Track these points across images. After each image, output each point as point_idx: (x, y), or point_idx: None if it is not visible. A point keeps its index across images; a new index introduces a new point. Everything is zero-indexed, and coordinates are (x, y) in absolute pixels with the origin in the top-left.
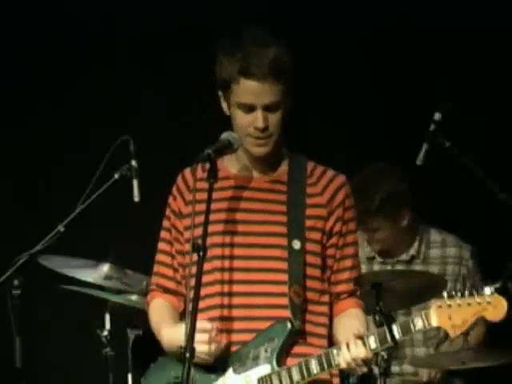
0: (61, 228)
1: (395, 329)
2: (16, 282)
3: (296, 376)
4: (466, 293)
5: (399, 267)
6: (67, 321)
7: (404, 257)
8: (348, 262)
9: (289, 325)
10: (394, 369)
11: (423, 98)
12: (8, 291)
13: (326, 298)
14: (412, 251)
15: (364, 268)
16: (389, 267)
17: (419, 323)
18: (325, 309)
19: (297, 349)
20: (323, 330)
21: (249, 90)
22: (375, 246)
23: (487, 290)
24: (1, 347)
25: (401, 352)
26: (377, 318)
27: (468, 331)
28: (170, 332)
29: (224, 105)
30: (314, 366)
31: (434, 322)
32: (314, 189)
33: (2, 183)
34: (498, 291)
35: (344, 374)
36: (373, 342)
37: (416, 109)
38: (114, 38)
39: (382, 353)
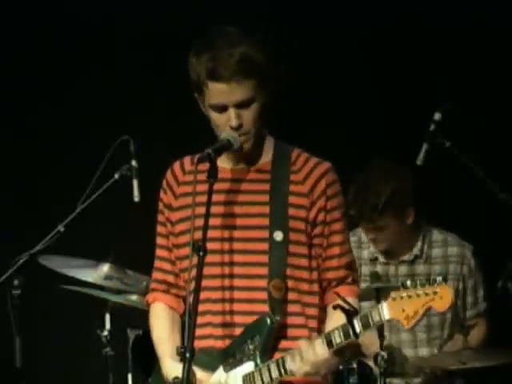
0: (61, 228)
1: (356, 323)
2: (16, 282)
3: (274, 373)
4: (418, 283)
5: (402, 268)
6: (67, 321)
7: (407, 257)
8: (336, 250)
9: (268, 321)
10: (397, 369)
11: (423, 97)
12: (8, 291)
13: (315, 288)
14: (415, 251)
15: (367, 269)
16: (392, 268)
17: (376, 317)
18: (315, 300)
19: (284, 343)
20: (313, 323)
21: (217, 91)
22: (380, 245)
23: (438, 280)
24: (1, 347)
25: (404, 352)
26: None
27: (469, 331)
28: (169, 366)
29: (201, 105)
30: (289, 364)
31: (387, 315)
32: (296, 176)
33: (2, 183)
34: (499, 290)
35: (344, 374)
36: (337, 337)
37: (416, 109)
38: (114, 37)
39: (382, 353)
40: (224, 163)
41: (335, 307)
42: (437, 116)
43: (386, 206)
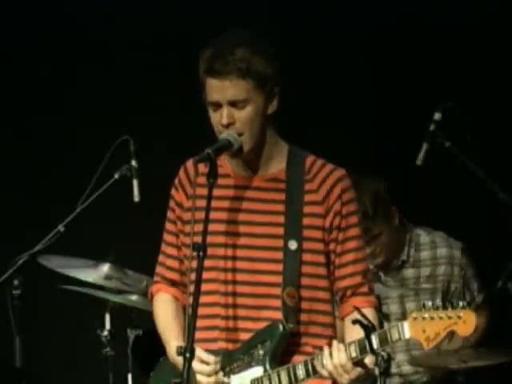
0: (61, 228)
1: (374, 339)
2: (16, 282)
3: (284, 380)
4: (440, 305)
5: (390, 275)
6: (67, 321)
7: (394, 263)
8: (350, 256)
9: (280, 327)
10: (395, 370)
11: (423, 97)
12: (8, 291)
13: (330, 296)
14: (402, 256)
15: None
16: (380, 275)
17: (395, 334)
18: (329, 307)
19: (301, 349)
20: (328, 331)
21: (213, 87)
22: (378, 258)
23: (461, 304)
24: (1, 347)
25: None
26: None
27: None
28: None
29: (205, 104)
30: (300, 372)
31: (407, 334)
32: (311, 185)
33: (2, 183)
34: (499, 290)
35: None
36: (353, 351)
37: (416, 109)
38: (114, 37)
39: (382, 353)
40: (240, 171)
41: (354, 322)
42: (437, 116)
43: (375, 210)
